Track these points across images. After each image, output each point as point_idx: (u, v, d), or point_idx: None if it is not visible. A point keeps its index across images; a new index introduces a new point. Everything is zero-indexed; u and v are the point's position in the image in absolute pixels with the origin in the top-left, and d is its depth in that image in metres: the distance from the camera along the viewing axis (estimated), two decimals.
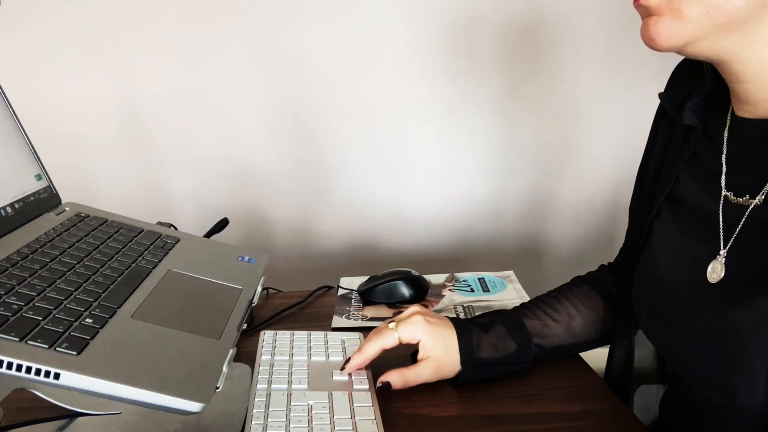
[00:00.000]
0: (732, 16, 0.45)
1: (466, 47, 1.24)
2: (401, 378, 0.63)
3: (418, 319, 0.65)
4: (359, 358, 0.64)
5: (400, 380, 0.63)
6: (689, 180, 0.58)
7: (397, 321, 0.65)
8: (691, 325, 0.52)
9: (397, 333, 0.64)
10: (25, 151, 0.68)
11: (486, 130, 1.30)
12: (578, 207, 1.37)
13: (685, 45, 0.47)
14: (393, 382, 0.62)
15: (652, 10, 0.47)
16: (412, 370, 0.63)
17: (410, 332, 0.64)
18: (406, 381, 0.63)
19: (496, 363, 0.65)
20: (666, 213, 0.60)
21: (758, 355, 0.45)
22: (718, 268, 0.51)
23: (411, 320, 0.65)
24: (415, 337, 0.64)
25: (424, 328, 0.64)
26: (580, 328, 0.70)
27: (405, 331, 0.64)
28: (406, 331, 0.64)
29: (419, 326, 0.64)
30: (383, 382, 0.62)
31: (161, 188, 1.31)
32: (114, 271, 0.58)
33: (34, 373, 0.41)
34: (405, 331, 0.64)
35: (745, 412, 0.48)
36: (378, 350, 0.64)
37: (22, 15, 1.17)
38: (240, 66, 1.23)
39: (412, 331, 0.64)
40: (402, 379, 0.63)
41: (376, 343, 0.63)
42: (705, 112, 0.58)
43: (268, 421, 0.56)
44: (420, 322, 0.64)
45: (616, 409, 0.61)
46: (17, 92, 0.77)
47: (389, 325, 0.65)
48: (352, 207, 1.34)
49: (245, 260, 0.72)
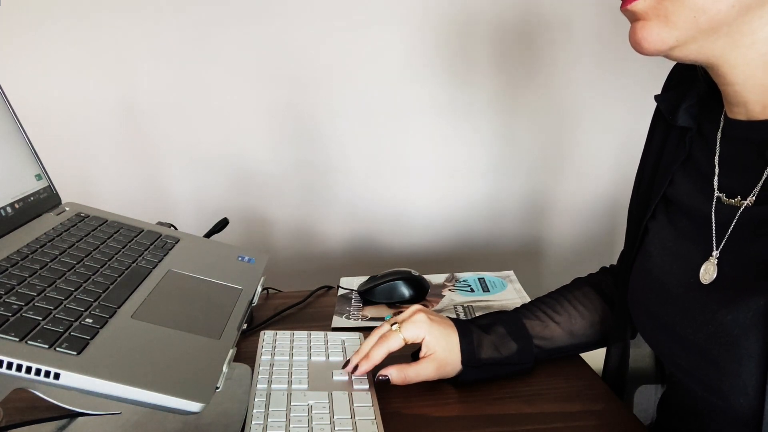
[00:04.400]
0: (717, 20, 0.45)
1: (466, 48, 1.24)
2: (401, 374, 0.63)
3: (421, 317, 0.65)
4: (367, 363, 0.64)
5: (399, 376, 0.63)
6: (684, 181, 0.58)
7: (399, 321, 0.66)
8: (684, 326, 0.52)
9: (401, 334, 0.64)
10: (25, 151, 0.68)
11: (486, 130, 1.30)
12: (578, 207, 1.37)
13: (672, 49, 0.48)
14: (392, 376, 0.63)
15: (639, 15, 0.47)
16: (413, 368, 0.64)
17: (414, 331, 0.64)
18: (405, 377, 0.63)
19: (496, 363, 0.66)
20: (661, 214, 0.61)
21: (749, 356, 0.45)
22: (710, 269, 0.51)
23: (414, 319, 0.65)
24: (419, 336, 0.64)
25: (427, 327, 0.64)
26: (580, 330, 0.71)
27: (409, 331, 0.64)
28: (409, 330, 0.64)
29: (423, 324, 0.65)
30: (382, 376, 0.63)
31: (161, 188, 1.31)
32: (114, 271, 0.58)
33: (34, 373, 0.41)
34: (409, 331, 0.64)
35: (739, 413, 0.48)
36: (385, 354, 0.64)
37: (23, 15, 1.17)
38: (240, 66, 1.23)
39: (415, 329, 0.64)
40: (401, 375, 0.63)
41: (382, 347, 0.64)
42: (700, 113, 0.58)
43: (268, 421, 0.56)
44: (423, 320, 0.65)
45: (616, 409, 0.61)
46: (17, 92, 0.77)
47: (392, 327, 0.65)
48: (352, 207, 1.34)
49: (245, 260, 0.72)
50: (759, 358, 0.45)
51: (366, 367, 0.64)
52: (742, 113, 0.51)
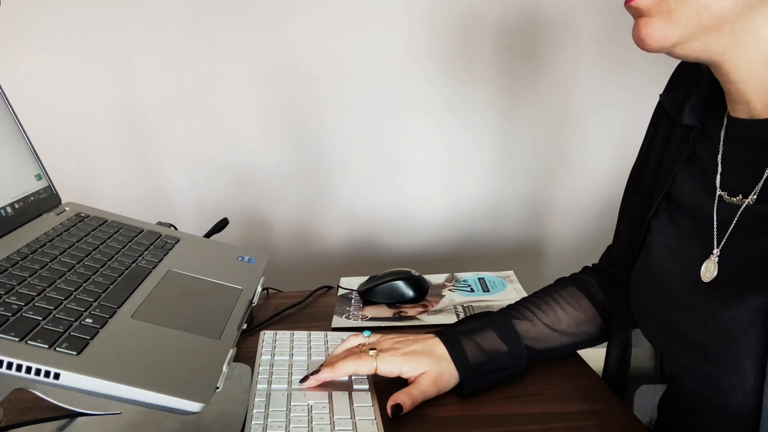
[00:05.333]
0: (720, 17, 0.45)
1: (466, 48, 1.24)
2: (409, 398, 0.61)
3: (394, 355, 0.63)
4: (330, 373, 0.61)
5: (410, 400, 0.61)
6: (686, 180, 0.58)
7: (378, 350, 0.63)
8: (685, 323, 0.52)
9: (375, 363, 0.62)
10: (25, 151, 0.68)
11: (486, 130, 1.30)
12: (578, 207, 1.37)
13: (675, 46, 0.48)
14: (404, 403, 0.60)
15: (643, 12, 0.48)
16: (415, 387, 0.62)
17: (389, 366, 0.62)
18: (414, 400, 0.61)
19: (492, 371, 0.65)
20: (663, 212, 0.61)
21: (749, 355, 0.45)
22: (711, 268, 0.51)
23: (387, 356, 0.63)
24: (393, 372, 0.63)
25: (402, 361, 0.62)
26: (568, 329, 0.70)
27: (384, 364, 0.62)
28: (385, 364, 0.62)
29: (397, 360, 0.63)
30: (394, 406, 0.60)
31: (161, 188, 1.31)
32: (114, 271, 0.58)
33: (34, 373, 0.41)
34: (384, 364, 0.62)
35: (737, 411, 0.48)
36: (351, 372, 0.62)
37: (22, 15, 1.17)
38: (240, 66, 1.23)
39: (390, 365, 0.62)
40: (411, 399, 0.61)
41: (351, 365, 0.61)
42: (704, 112, 0.58)
43: (268, 421, 0.56)
44: (397, 356, 0.63)
45: (616, 409, 0.61)
46: (17, 92, 0.77)
47: (370, 352, 0.63)
48: (352, 207, 1.34)
49: (245, 260, 0.72)
50: (758, 356, 0.45)
51: (328, 376, 0.61)
52: (745, 111, 0.51)
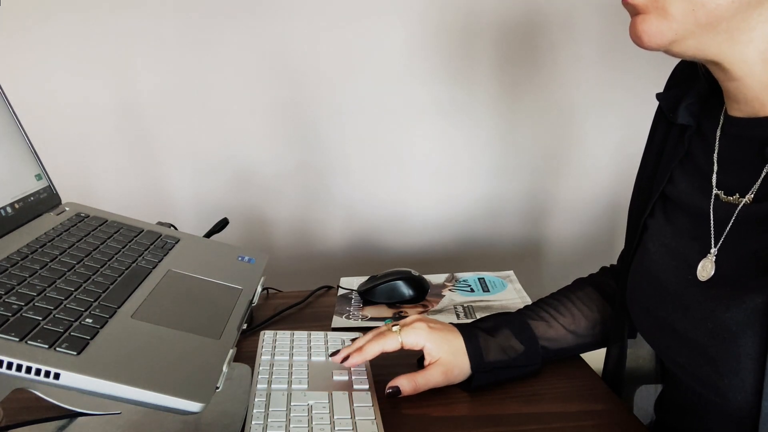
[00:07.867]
0: (716, 15, 0.45)
1: (466, 48, 1.24)
2: (411, 383, 0.62)
3: (421, 326, 0.64)
4: (359, 357, 0.63)
5: (410, 385, 0.62)
6: (682, 179, 0.58)
7: (400, 325, 0.65)
8: (682, 323, 0.52)
9: (400, 337, 0.63)
10: (25, 151, 0.68)
11: (486, 130, 1.30)
12: (578, 207, 1.37)
13: (671, 44, 0.48)
14: (403, 387, 0.61)
15: (639, 9, 0.48)
16: (422, 375, 0.63)
17: (413, 338, 0.63)
18: (416, 386, 0.62)
19: (505, 366, 0.65)
20: (659, 212, 0.61)
21: (747, 353, 0.46)
22: (708, 267, 0.51)
23: (414, 326, 0.64)
24: (419, 344, 0.64)
25: (427, 335, 0.64)
26: (584, 330, 0.71)
27: (408, 337, 0.63)
28: (409, 336, 0.63)
29: (422, 332, 0.64)
30: (392, 388, 0.61)
31: (161, 188, 1.31)
32: (114, 271, 0.58)
33: (34, 373, 0.41)
34: (408, 337, 0.63)
35: (736, 411, 0.48)
36: (378, 351, 0.63)
37: (22, 15, 1.17)
38: (240, 66, 1.23)
39: (415, 337, 0.63)
40: (412, 384, 0.62)
41: (378, 344, 0.63)
42: (700, 111, 0.58)
43: (268, 421, 0.56)
44: (423, 328, 0.64)
45: (616, 409, 0.61)
46: (17, 92, 0.77)
47: (393, 328, 0.64)
48: (352, 207, 1.34)
49: (245, 260, 0.72)
50: (757, 355, 0.45)
51: (357, 359, 0.63)
52: (742, 110, 0.52)
